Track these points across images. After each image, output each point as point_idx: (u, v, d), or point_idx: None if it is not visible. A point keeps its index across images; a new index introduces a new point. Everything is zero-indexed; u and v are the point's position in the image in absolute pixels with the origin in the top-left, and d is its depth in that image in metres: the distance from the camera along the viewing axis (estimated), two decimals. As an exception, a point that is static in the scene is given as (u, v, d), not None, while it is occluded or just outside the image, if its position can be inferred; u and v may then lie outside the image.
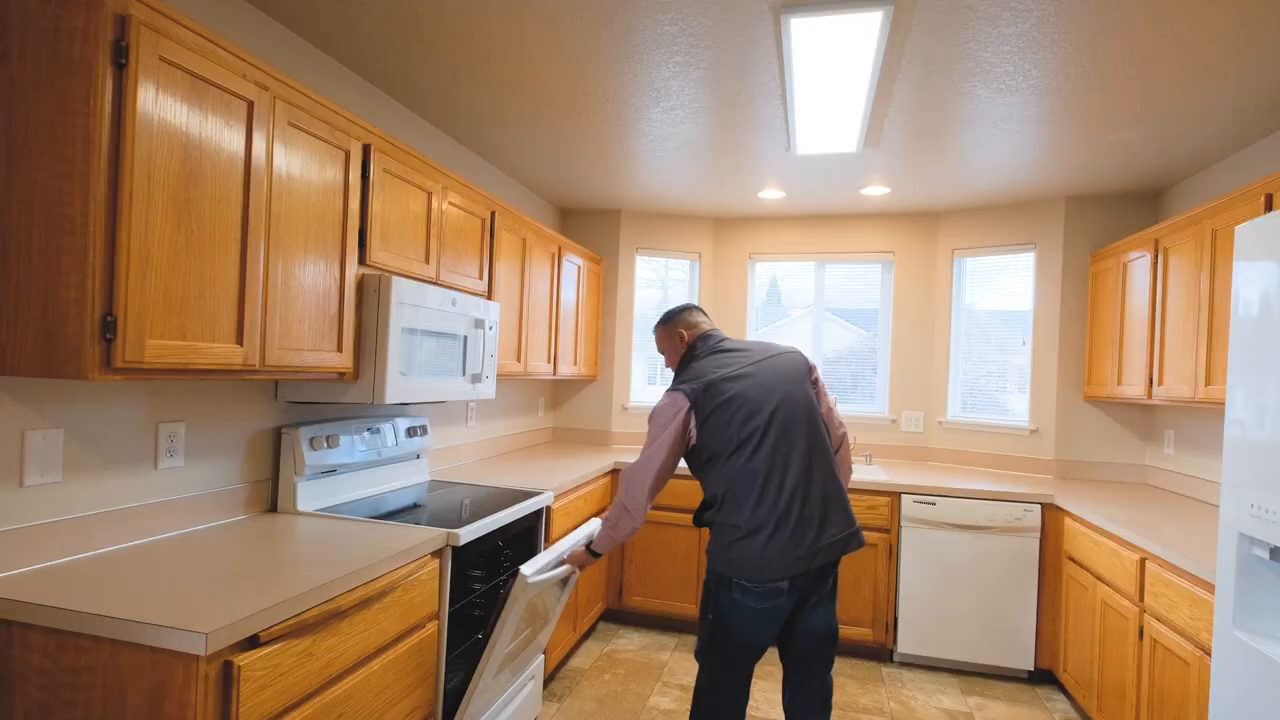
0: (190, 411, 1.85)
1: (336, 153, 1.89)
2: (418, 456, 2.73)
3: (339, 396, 2.05)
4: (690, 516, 3.47)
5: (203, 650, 1.17)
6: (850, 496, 3.23)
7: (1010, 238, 3.69)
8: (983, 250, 3.79)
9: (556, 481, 2.84)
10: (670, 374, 4.28)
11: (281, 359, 1.70)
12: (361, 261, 2.02)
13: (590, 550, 2.06)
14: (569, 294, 3.64)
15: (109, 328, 1.29)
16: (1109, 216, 3.45)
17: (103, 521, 1.61)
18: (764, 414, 1.85)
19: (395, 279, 2.03)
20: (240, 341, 1.58)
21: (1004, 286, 3.76)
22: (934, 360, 3.94)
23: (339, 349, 1.92)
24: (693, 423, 1.88)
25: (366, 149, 2.01)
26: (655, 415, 1.93)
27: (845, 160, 3.09)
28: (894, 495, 3.21)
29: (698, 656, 1.95)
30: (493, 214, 2.77)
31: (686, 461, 1.98)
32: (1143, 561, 2.24)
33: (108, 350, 1.30)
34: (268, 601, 1.32)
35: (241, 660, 1.24)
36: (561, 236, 3.49)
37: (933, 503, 3.14)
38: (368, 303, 2.03)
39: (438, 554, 1.93)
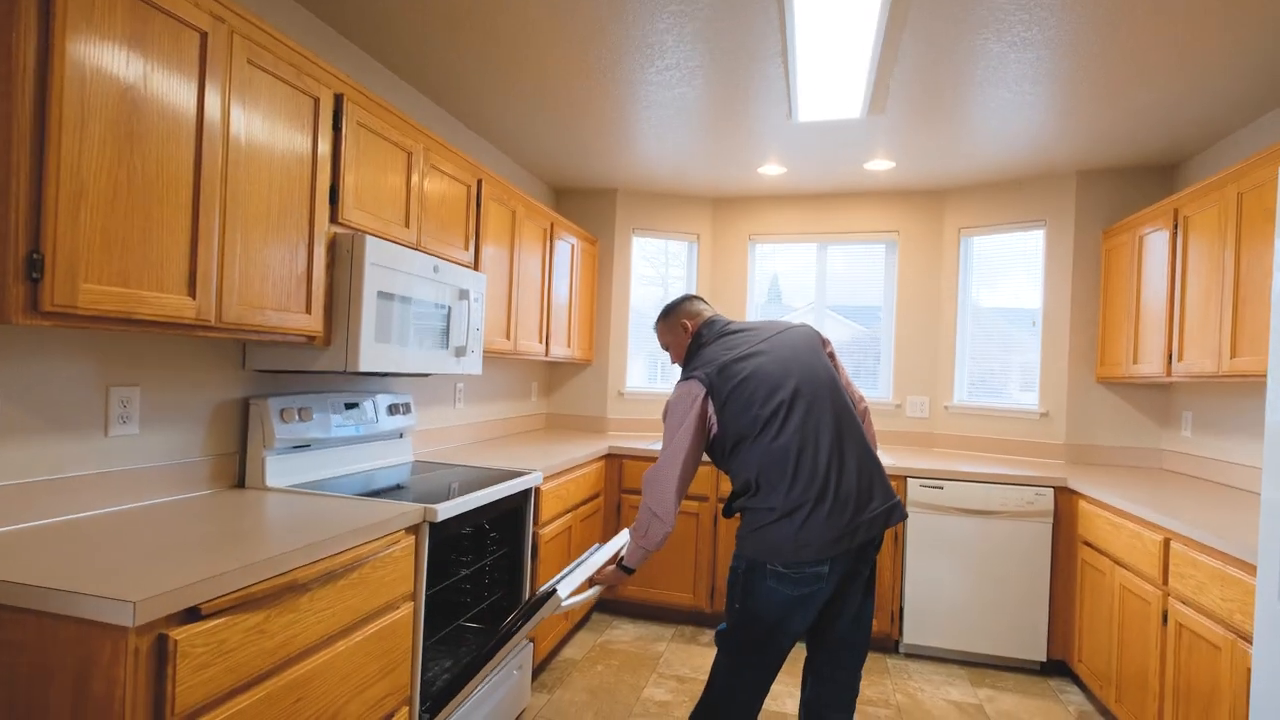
0: (146, 375, 1.72)
1: (304, 100, 1.76)
2: (400, 436, 2.60)
3: (310, 364, 1.92)
4: (693, 503, 3.34)
5: (130, 622, 1.04)
6: (854, 481, 3.10)
7: (1019, 215, 3.55)
8: (990, 228, 3.66)
9: (547, 463, 2.71)
10: (678, 371, 4.15)
11: (242, 316, 1.58)
12: (333, 220, 1.89)
13: (622, 566, 1.89)
14: (562, 273, 3.51)
15: (35, 266, 1.17)
16: (1121, 192, 3.32)
17: (42, 491, 1.48)
18: (787, 388, 1.73)
19: (369, 238, 1.90)
20: (193, 293, 1.45)
21: (1012, 264, 3.63)
22: (939, 343, 3.81)
23: (307, 310, 1.80)
24: (711, 409, 1.75)
25: (339, 99, 1.88)
26: (670, 409, 1.79)
27: (849, 129, 2.96)
28: (899, 479, 3.07)
29: (718, 641, 1.79)
30: (479, 182, 2.64)
31: (709, 454, 1.83)
32: (1167, 542, 2.11)
33: (34, 292, 1.17)
34: (212, 571, 1.19)
35: (178, 634, 1.11)
36: (555, 213, 3.36)
37: (940, 487, 3.01)
38: (340, 263, 1.90)
39: (414, 530, 1.80)
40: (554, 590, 1.74)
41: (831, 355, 1.92)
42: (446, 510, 1.86)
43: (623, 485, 3.43)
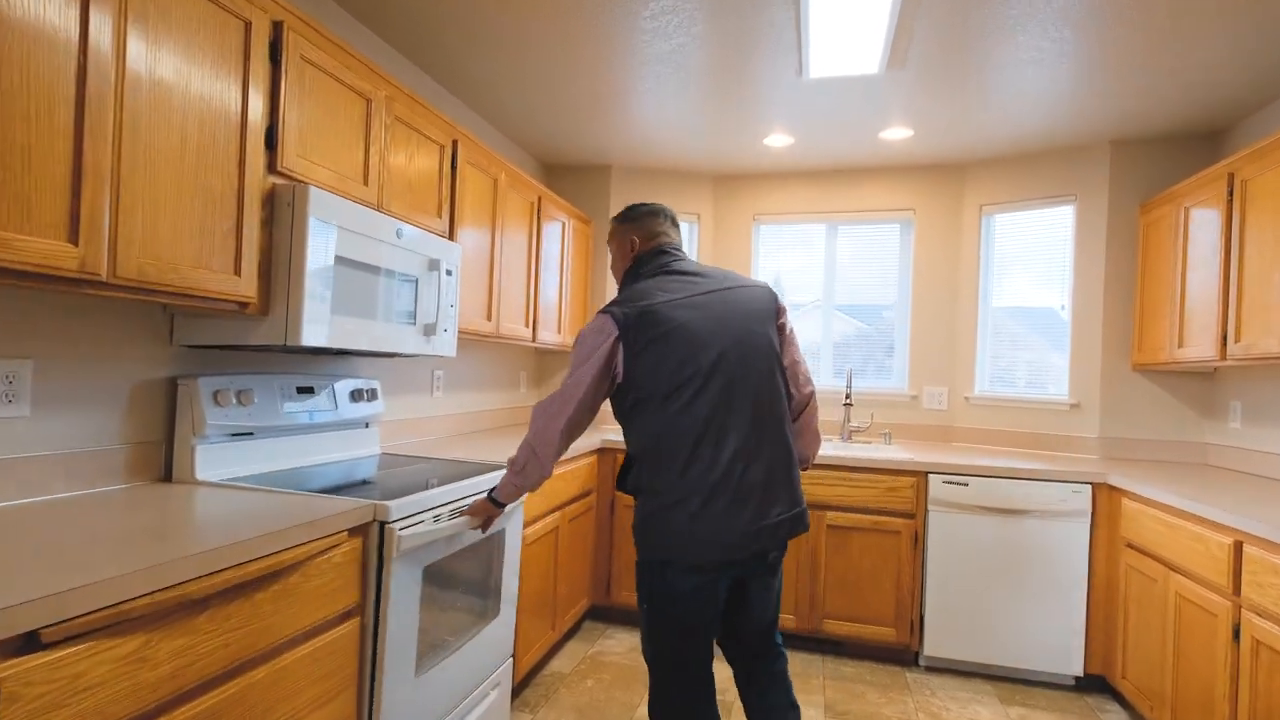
0: (40, 347, 1.45)
1: (231, 22, 1.49)
2: (366, 425, 2.33)
3: (245, 337, 1.65)
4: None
5: (-76, 655, 0.77)
6: (868, 476, 2.83)
7: (1046, 189, 3.28)
8: (1015, 204, 3.39)
9: (529, 456, 2.43)
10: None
11: (145, 272, 1.30)
12: (272, 169, 1.62)
13: (492, 499, 1.74)
14: (552, 254, 3.24)
15: None
16: (1160, 162, 3.04)
17: (-107, 481, 1.21)
18: (709, 355, 1.52)
19: (315, 190, 1.63)
20: (75, 239, 1.18)
21: (1039, 243, 3.35)
22: (959, 330, 3.53)
23: (235, 270, 1.52)
24: (620, 355, 1.55)
25: (277, 27, 1.61)
26: (580, 341, 1.60)
27: (864, 89, 2.68)
28: (920, 476, 2.80)
29: (645, 658, 1.64)
30: (455, 143, 2.37)
31: (611, 404, 1.64)
32: (1238, 546, 1.83)
33: None
34: (69, 585, 0.92)
35: (5, 670, 0.83)
36: (543, 187, 3.09)
37: (965, 484, 2.73)
38: (279, 219, 1.63)
39: (360, 531, 1.52)
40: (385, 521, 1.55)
41: (783, 329, 1.71)
42: (402, 507, 1.58)
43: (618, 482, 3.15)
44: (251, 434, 1.85)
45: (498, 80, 2.76)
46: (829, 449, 3.17)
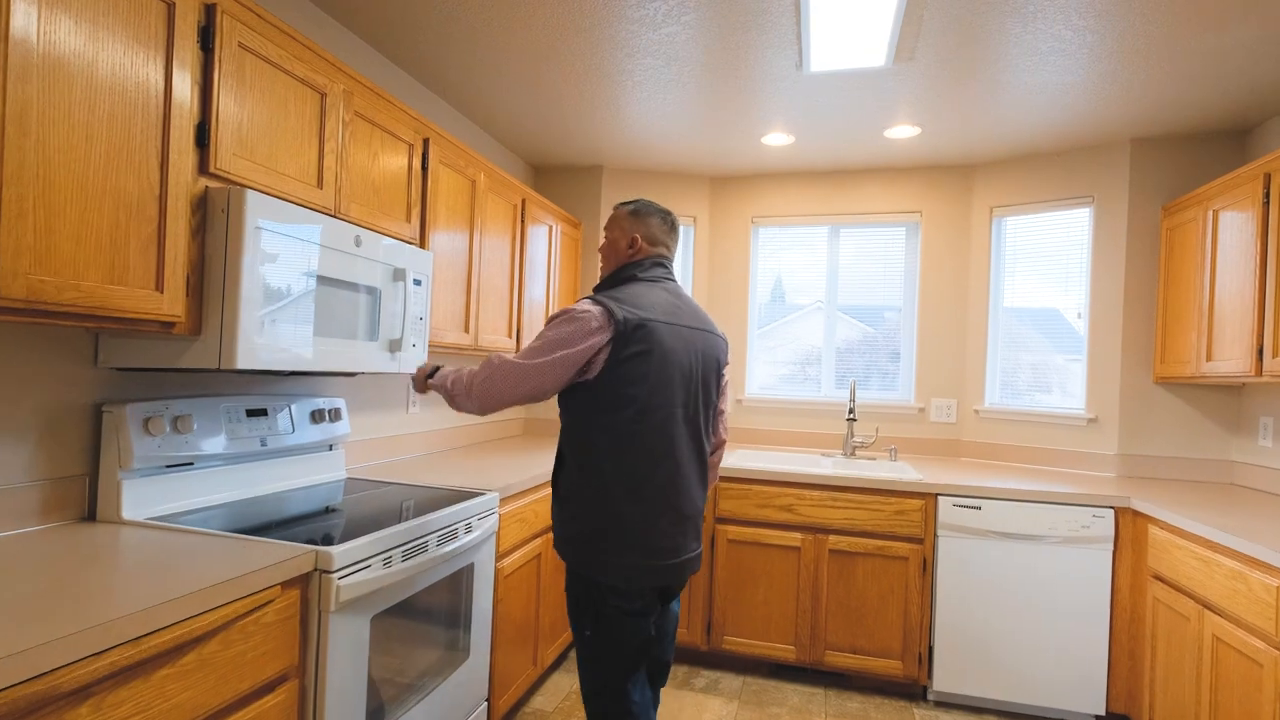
0: (-71, 375, 1.27)
1: (149, 3, 1.30)
2: (330, 448, 2.15)
3: (176, 359, 1.47)
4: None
5: None
6: (873, 498, 2.65)
7: (1062, 191, 3.09)
8: (1028, 207, 3.20)
9: (512, 479, 2.25)
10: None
11: (38, 290, 1.12)
12: (204, 169, 1.44)
13: (426, 377, 1.72)
14: (539, 259, 3.06)
15: None
16: (1183, 162, 2.86)
17: None
18: (678, 389, 1.57)
19: (254, 193, 1.44)
20: (-60, 254, 1.00)
21: (1053, 248, 3.16)
22: (968, 339, 3.35)
23: (158, 286, 1.34)
24: (604, 356, 1.50)
25: (210, 10, 1.43)
26: (566, 319, 1.52)
27: (869, 83, 2.50)
28: (929, 498, 2.61)
29: (586, 693, 1.60)
30: (426, 142, 2.19)
31: (564, 392, 1.60)
32: (1288, 589, 1.64)
33: None
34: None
35: None
36: (529, 189, 2.90)
37: (977, 507, 2.54)
38: (213, 227, 1.45)
39: (298, 583, 1.34)
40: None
41: (721, 378, 1.77)
42: (347, 554, 1.40)
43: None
44: (191, 464, 1.67)
45: (476, 73, 2.57)
46: (831, 467, 2.99)
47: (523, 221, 2.87)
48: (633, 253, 1.70)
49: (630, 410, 1.50)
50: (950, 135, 2.98)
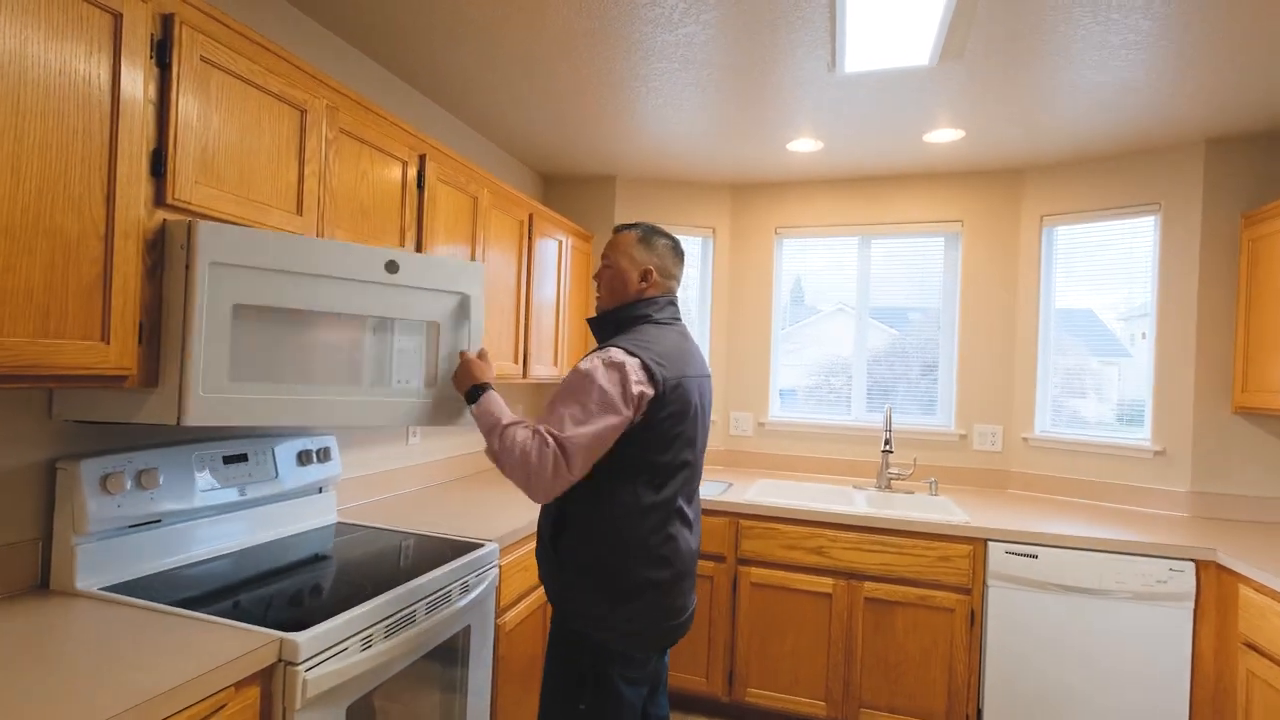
0: None
1: (91, 14, 1.14)
2: (320, 490, 1.99)
3: (132, 414, 1.31)
4: (707, 564, 2.67)
5: None
6: (914, 542, 2.41)
7: (1123, 197, 2.82)
8: (1083, 215, 2.93)
9: (514, 525, 2.07)
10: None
11: (-55, 353, 0.96)
12: (160, 201, 1.27)
13: (472, 400, 1.51)
14: (548, 276, 2.88)
15: None
16: (1267, 165, 2.57)
17: None
18: (695, 446, 1.50)
19: (209, 225, 1.28)
20: None
21: (1112, 261, 2.89)
22: (1016, 360, 3.08)
23: (103, 337, 1.18)
24: (637, 416, 1.37)
25: (166, 21, 1.27)
26: (599, 376, 1.34)
27: (909, 85, 2.27)
28: (977, 544, 2.37)
29: None
30: (423, 158, 2.02)
31: None
32: None
33: None
34: None
35: None
36: (534, 202, 2.72)
37: (1033, 555, 2.29)
38: (172, 264, 1.28)
39: (259, 678, 1.17)
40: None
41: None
42: (317, 640, 1.22)
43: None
44: (159, 521, 1.52)
45: (478, 81, 2.40)
46: (865, 503, 2.75)
47: (530, 237, 2.69)
48: (644, 287, 1.54)
49: (661, 475, 1.42)
50: (997, 138, 2.72)
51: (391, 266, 1.55)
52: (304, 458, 1.89)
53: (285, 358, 1.43)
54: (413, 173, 1.98)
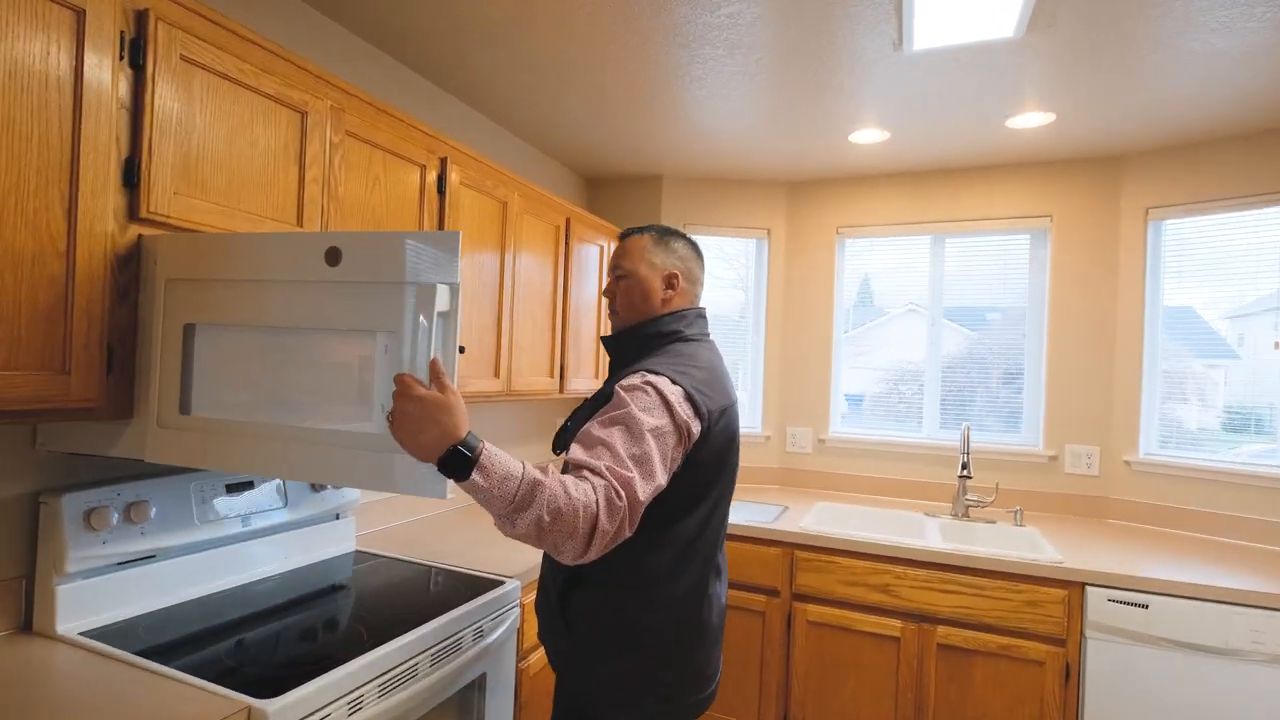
0: None
1: (50, 11, 1.03)
2: (337, 517, 1.87)
3: (105, 448, 1.21)
4: (758, 597, 2.44)
5: None
6: (996, 583, 2.11)
7: (1247, 185, 2.41)
8: (1198, 206, 2.53)
9: (539, 558, 1.91)
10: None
11: None
12: (134, 214, 1.16)
13: (449, 462, 0.94)
14: (588, 284, 2.71)
15: None
16: None
17: None
18: (730, 485, 1.31)
19: (166, 238, 1.15)
20: None
21: (1232, 258, 2.48)
22: (1116, 372, 2.71)
23: (62, 367, 1.07)
24: (681, 454, 1.15)
25: (140, 18, 1.15)
26: (658, 405, 1.11)
27: (989, 63, 1.98)
28: (1073, 588, 2.04)
29: None
30: (443, 161, 1.88)
31: None
32: None
33: None
34: None
35: None
36: (572, 205, 2.56)
37: (1143, 605, 1.95)
38: (146, 284, 1.17)
39: (221, 754, 1.03)
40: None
41: None
42: (291, 709, 1.08)
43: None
44: (153, 557, 1.42)
45: (507, 77, 2.25)
46: (939, 535, 2.46)
47: (567, 243, 2.53)
48: (670, 296, 1.33)
49: (697, 522, 1.22)
50: (1094, 121, 2.38)
51: (333, 256, 1.06)
52: (317, 484, 1.78)
53: (265, 383, 1.29)
54: (432, 177, 1.84)
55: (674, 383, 1.16)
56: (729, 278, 3.33)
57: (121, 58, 1.13)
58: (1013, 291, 2.91)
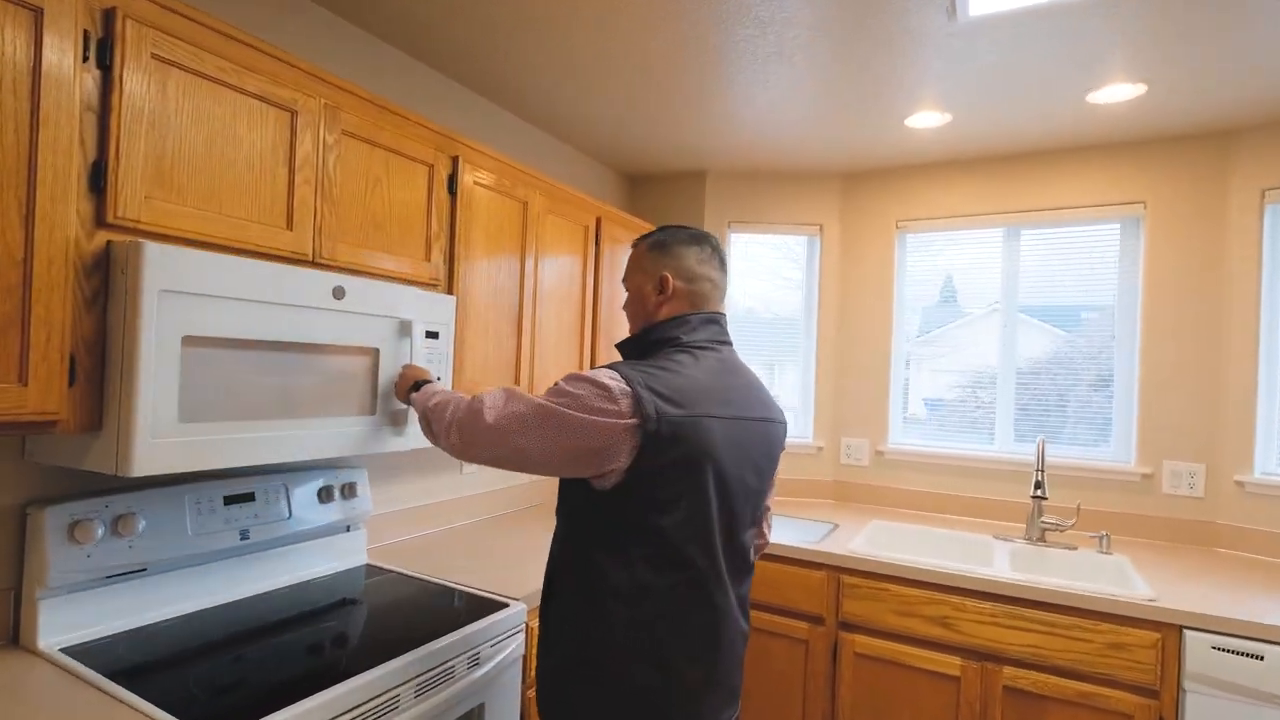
0: None
1: (1, 6, 1.00)
2: (347, 529, 1.82)
3: (79, 460, 1.17)
4: (800, 624, 2.25)
5: None
6: (1074, 620, 1.84)
7: (1394, 157, 2.03)
8: (1328, 185, 2.16)
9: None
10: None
11: None
12: (102, 221, 1.12)
13: (410, 389, 1.43)
14: (621, 285, 2.58)
15: None
16: None
17: None
18: (728, 509, 1.13)
19: (154, 247, 1.10)
20: None
21: (1377, 247, 2.09)
22: (1222, 379, 2.35)
23: (20, 378, 1.03)
24: (624, 458, 1.03)
25: (108, 16, 1.11)
26: (588, 396, 1.03)
27: (1064, 27, 1.72)
28: (1168, 631, 1.75)
29: None
30: (454, 160, 1.79)
31: (575, 493, 1.13)
32: None
33: None
34: None
35: None
36: (603, 204, 2.44)
37: (1257, 655, 1.65)
38: (115, 292, 1.12)
39: (162, 797, 0.96)
40: None
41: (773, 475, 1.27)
42: (243, 750, 1.00)
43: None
44: (144, 570, 1.39)
45: (530, 69, 2.16)
46: (1008, 562, 2.19)
47: (597, 244, 2.41)
48: (662, 300, 1.20)
49: (668, 544, 1.07)
50: (1193, 92, 2.06)
51: (338, 292, 1.39)
52: (325, 494, 1.73)
53: (246, 394, 1.23)
54: (442, 177, 1.76)
55: (628, 382, 1.04)
56: (796, 278, 3.11)
57: (86, 58, 1.09)
58: (1101, 287, 2.58)
